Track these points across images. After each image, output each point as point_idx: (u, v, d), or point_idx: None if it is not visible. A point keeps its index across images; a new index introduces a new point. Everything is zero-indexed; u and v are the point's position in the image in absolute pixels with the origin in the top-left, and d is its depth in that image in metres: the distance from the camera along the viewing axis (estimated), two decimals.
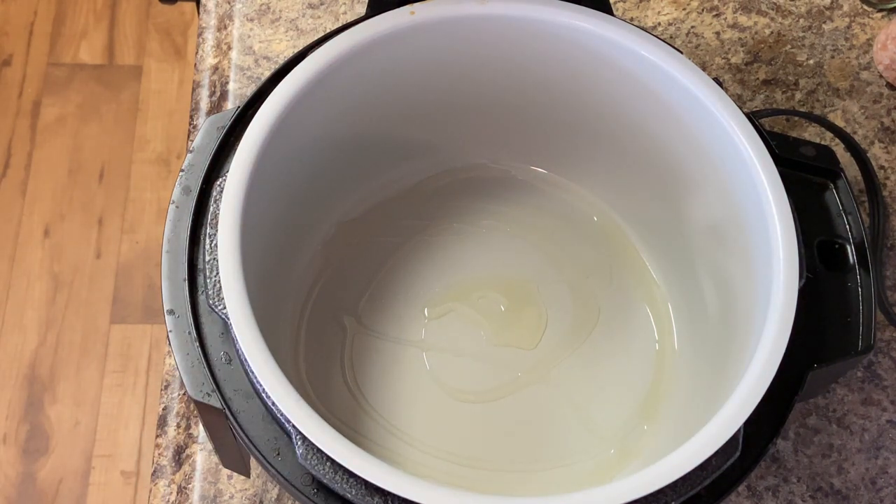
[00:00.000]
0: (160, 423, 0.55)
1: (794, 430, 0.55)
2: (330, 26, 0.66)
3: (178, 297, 0.45)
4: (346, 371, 0.53)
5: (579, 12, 0.48)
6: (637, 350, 0.55)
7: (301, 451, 0.40)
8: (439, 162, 0.59)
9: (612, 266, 0.57)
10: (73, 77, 1.52)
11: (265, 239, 0.48)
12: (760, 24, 0.67)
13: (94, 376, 1.32)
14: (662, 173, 0.53)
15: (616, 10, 0.61)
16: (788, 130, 0.64)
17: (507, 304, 0.56)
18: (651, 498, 0.40)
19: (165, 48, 1.55)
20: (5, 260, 1.39)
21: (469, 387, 0.53)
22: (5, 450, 1.27)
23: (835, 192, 0.49)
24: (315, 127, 0.50)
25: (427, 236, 0.57)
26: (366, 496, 0.40)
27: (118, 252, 1.40)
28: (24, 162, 1.45)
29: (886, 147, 0.63)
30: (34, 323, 1.34)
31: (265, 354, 0.41)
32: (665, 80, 0.48)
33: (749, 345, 0.44)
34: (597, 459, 0.52)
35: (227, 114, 0.48)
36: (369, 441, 0.51)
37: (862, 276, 0.47)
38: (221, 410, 0.43)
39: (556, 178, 0.59)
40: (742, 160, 0.46)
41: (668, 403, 0.53)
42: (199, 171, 0.47)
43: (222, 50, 0.65)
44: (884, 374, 0.57)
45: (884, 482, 0.54)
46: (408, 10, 0.48)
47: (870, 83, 0.65)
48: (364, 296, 0.55)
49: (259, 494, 0.53)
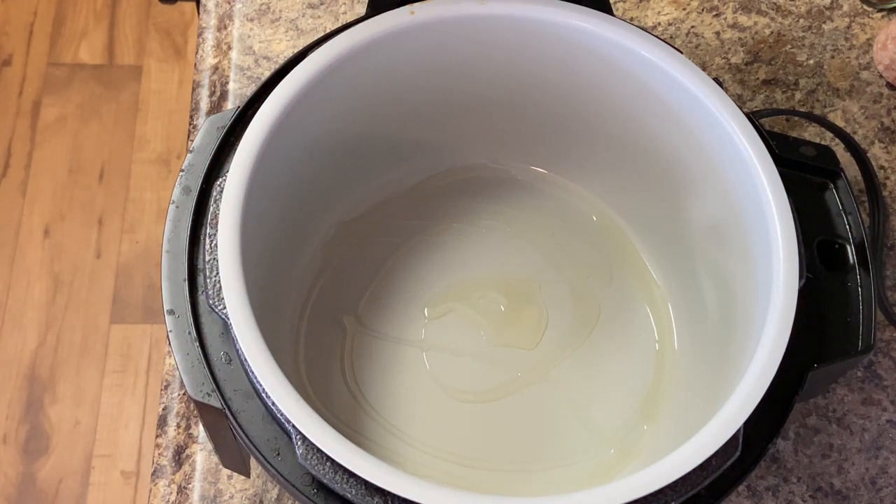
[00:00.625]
0: (160, 423, 0.55)
1: (794, 430, 0.55)
2: (330, 26, 0.66)
3: (178, 297, 0.45)
4: (346, 371, 0.53)
5: (579, 12, 0.48)
6: (637, 350, 0.55)
7: (301, 451, 0.40)
8: (439, 162, 0.59)
9: (612, 266, 0.57)
10: (73, 77, 1.52)
11: (265, 239, 0.48)
12: (760, 24, 0.67)
13: (94, 376, 1.32)
14: (662, 173, 0.53)
15: (616, 10, 0.61)
16: (788, 130, 0.64)
17: (507, 304, 0.56)
18: (651, 498, 0.40)
19: (165, 48, 1.55)
20: (5, 260, 1.39)
21: (469, 387, 0.53)
22: (5, 450, 1.27)
23: (835, 192, 0.49)
24: (315, 127, 0.50)
25: (427, 236, 0.57)
26: (366, 496, 0.40)
27: (118, 252, 1.40)
28: (24, 162, 1.45)
29: (886, 147, 0.63)
30: (34, 323, 1.34)
31: (265, 354, 0.41)
32: (665, 80, 0.48)
33: (749, 345, 0.44)
34: (597, 459, 0.52)
35: (227, 114, 0.48)
36: (369, 441, 0.51)
37: (862, 276, 0.47)
38: (221, 410, 0.43)
39: (555, 178, 0.59)
40: (742, 160, 0.46)
41: (668, 403, 0.53)
42: (199, 171, 0.47)
43: (222, 50, 0.65)
44: (884, 374, 0.57)
45: (884, 482, 0.54)
46: (408, 10, 0.48)
47: (870, 83, 0.65)
48: (364, 296, 0.55)
49: (259, 494, 0.53)
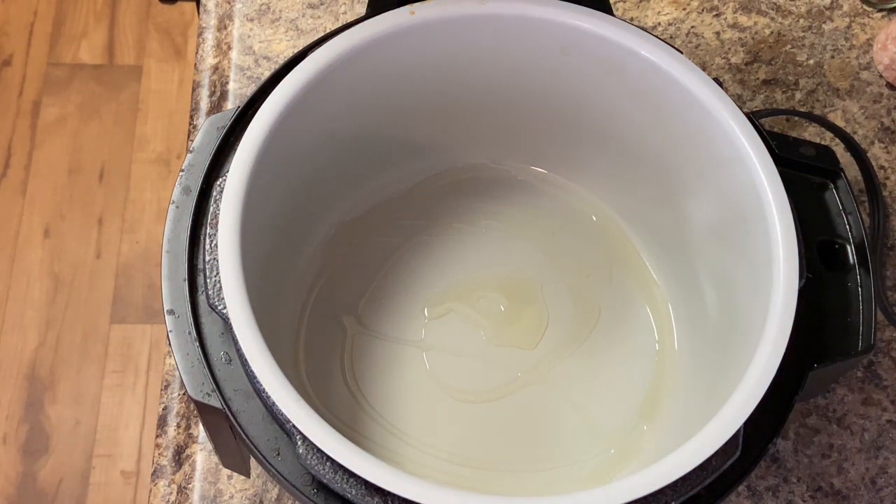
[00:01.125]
0: (160, 423, 0.55)
1: (794, 430, 0.55)
2: (330, 26, 0.66)
3: (178, 297, 0.45)
4: (346, 371, 0.53)
5: (579, 12, 0.48)
6: (637, 350, 0.55)
7: (301, 451, 0.40)
8: (439, 162, 0.59)
9: (612, 266, 0.57)
10: (73, 77, 1.52)
11: (265, 239, 0.48)
12: (760, 24, 0.67)
13: (94, 376, 1.32)
14: (662, 173, 0.53)
15: (616, 10, 0.61)
16: (788, 130, 0.64)
17: (507, 304, 0.56)
18: (651, 498, 0.40)
19: (165, 48, 1.55)
20: (5, 260, 1.39)
21: (469, 387, 0.53)
22: (5, 450, 1.27)
23: (835, 192, 0.49)
24: (315, 127, 0.50)
25: (427, 236, 0.57)
26: (366, 496, 0.40)
27: (118, 252, 1.40)
28: (24, 162, 1.45)
29: (886, 147, 0.63)
30: (34, 323, 1.34)
31: (265, 354, 0.41)
32: (665, 80, 0.48)
33: (749, 345, 0.44)
34: (597, 459, 0.52)
35: (227, 114, 0.48)
36: (369, 441, 0.51)
37: (862, 276, 0.47)
38: (221, 410, 0.43)
39: (556, 178, 0.59)
40: (742, 160, 0.46)
41: (668, 403, 0.53)
42: (199, 171, 0.47)
43: (222, 50, 0.65)
44: (884, 374, 0.57)
45: (884, 482, 0.54)
46: (408, 10, 0.48)
47: (870, 83, 0.65)
48: (364, 296, 0.55)
49: (259, 494, 0.53)
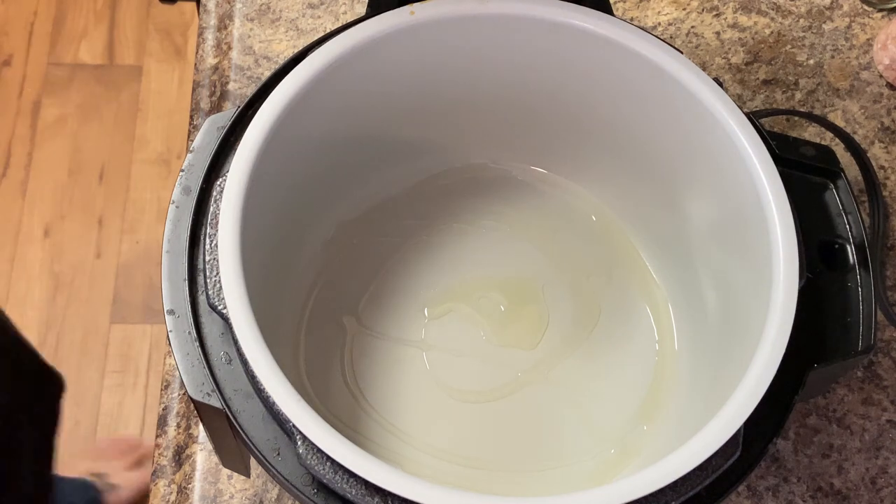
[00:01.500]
0: (160, 423, 0.55)
1: (794, 430, 0.55)
2: (330, 26, 0.66)
3: (178, 297, 0.45)
4: (346, 371, 0.53)
5: (579, 12, 0.48)
6: (637, 350, 0.55)
7: (301, 451, 0.40)
8: (439, 162, 0.59)
9: (612, 266, 0.57)
10: (73, 77, 1.52)
11: (265, 239, 0.48)
12: (760, 24, 0.67)
13: (94, 376, 1.32)
14: (662, 173, 0.53)
15: (616, 10, 0.61)
16: (788, 130, 0.64)
17: (507, 304, 0.56)
18: (651, 498, 0.40)
19: (165, 48, 1.55)
20: (5, 260, 1.39)
21: (469, 387, 0.53)
22: None
23: (835, 192, 0.49)
24: (315, 127, 0.50)
25: (427, 236, 0.57)
26: (366, 496, 0.40)
27: (118, 252, 1.40)
28: (24, 162, 1.45)
29: (886, 147, 0.63)
30: (34, 323, 1.34)
31: (265, 354, 0.41)
32: (665, 80, 0.48)
33: (749, 345, 0.44)
34: (597, 459, 0.52)
35: (227, 114, 0.48)
36: (369, 441, 0.51)
37: (862, 276, 0.47)
38: (221, 410, 0.43)
39: (556, 178, 0.59)
40: (742, 160, 0.46)
41: (668, 403, 0.53)
42: (199, 171, 0.47)
43: (222, 50, 0.65)
44: (884, 374, 0.57)
45: (884, 482, 0.54)
46: (408, 10, 0.48)
47: (870, 83, 0.65)
48: (364, 296, 0.55)
49: (259, 494, 0.53)
